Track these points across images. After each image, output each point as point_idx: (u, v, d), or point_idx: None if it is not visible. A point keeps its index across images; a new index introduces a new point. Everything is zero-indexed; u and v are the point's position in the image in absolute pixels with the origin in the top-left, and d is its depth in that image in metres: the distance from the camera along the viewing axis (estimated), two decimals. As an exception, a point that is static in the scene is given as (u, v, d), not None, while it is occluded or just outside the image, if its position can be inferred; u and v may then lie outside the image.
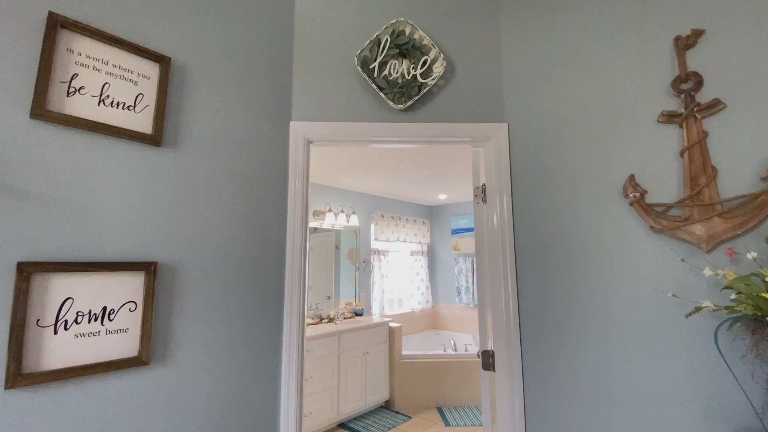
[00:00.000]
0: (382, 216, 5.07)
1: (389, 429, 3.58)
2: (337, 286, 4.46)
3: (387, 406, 4.12)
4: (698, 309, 0.97)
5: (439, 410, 3.97)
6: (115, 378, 1.06)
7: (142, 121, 1.17)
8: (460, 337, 5.32)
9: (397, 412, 3.94)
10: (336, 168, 3.73)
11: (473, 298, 5.27)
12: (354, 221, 4.61)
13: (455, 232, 5.63)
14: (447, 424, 3.65)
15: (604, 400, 1.28)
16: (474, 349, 5.03)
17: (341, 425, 3.64)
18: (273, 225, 1.48)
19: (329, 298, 4.34)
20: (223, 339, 1.29)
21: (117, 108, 1.13)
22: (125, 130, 1.13)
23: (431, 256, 5.95)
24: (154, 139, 1.18)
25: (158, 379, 1.14)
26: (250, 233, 1.41)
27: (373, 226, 4.96)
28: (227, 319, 1.31)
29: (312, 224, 4.24)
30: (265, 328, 1.42)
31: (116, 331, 1.07)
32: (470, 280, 5.32)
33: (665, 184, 1.23)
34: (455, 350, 4.97)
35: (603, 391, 1.28)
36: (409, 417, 3.84)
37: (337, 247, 4.52)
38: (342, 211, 4.48)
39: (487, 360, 1.62)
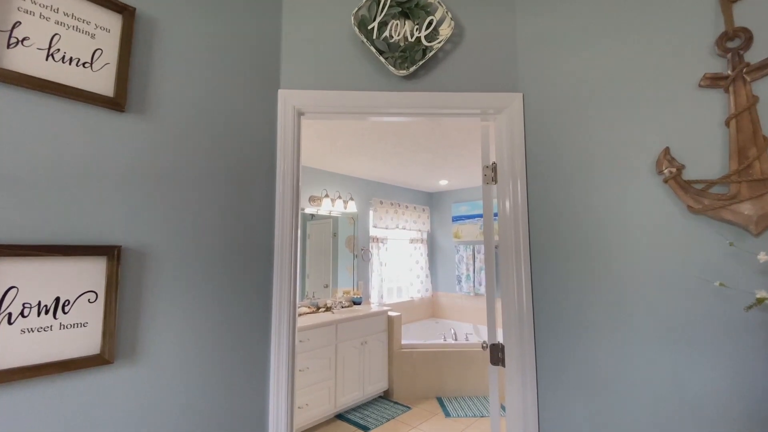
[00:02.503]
0: (381, 202, 4.91)
1: (388, 420, 3.48)
2: (334, 275, 4.33)
3: (386, 396, 4.02)
4: (760, 301, 0.83)
5: (439, 400, 3.88)
6: (73, 380, 0.91)
7: (101, 82, 1.00)
8: (460, 326, 5.22)
9: (396, 403, 3.85)
10: (332, 151, 3.55)
11: (473, 286, 5.15)
12: (352, 207, 4.45)
13: (456, 219, 5.48)
14: (447, 414, 3.56)
15: (629, 400, 1.14)
16: (474, 338, 4.94)
17: (339, 416, 3.55)
18: (259, 207, 1.32)
19: (327, 286, 4.21)
20: (202, 333, 1.14)
21: (70, 64, 0.96)
22: (81, 90, 0.96)
23: (431, 244, 5.82)
24: (116, 103, 1.01)
25: (125, 380, 0.99)
26: (233, 216, 1.25)
27: (371, 212, 4.81)
28: (206, 310, 1.16)
29: (308, 210, 4.08)
30: (251, 320, 1.27)
31: (73, 326, 0.92)
32: (471, 269, 5.19)
33: (706, 158, 1.07)
34: (455, 339, 4.87)
35: (628, 391, 1.15)
36: (409, 407, 3.75)
37: (334, 235, 4.37)
38: (339, 197, 4.32)
39: (496, 354, 1.49)
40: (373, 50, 1.35)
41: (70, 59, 0.96)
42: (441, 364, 4.01)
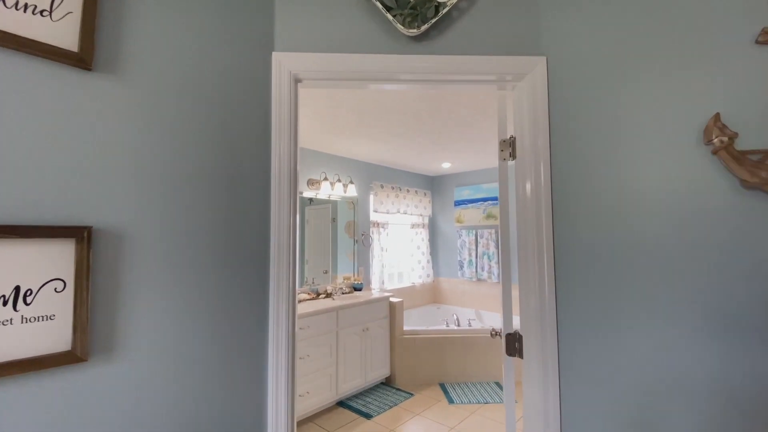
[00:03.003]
0: (382, 186, 4.77)
1: (390, 407, 3.42)
2: (334, 260, 4.22)
3: (388, 382, 3.97)
4: None
5: (442, 387, 3.83)
6: (41, 380, 0.79)
7: (63, 34, 0.85)
8: (463, 311, 5.15)
9: (399, 389, 3.79)
10: (331, 131, 3.39)
11: (476, 272, 5.06)
12: (352, 191, 4.31)
13: (458, 203, 5.35)
14: (451, 401, 3.50)
15: (670, 398, 1.03)
16: (477, 324, 4.87)
17: (340, 403, 3.49)
18: (253, 188, 1.19)
19: (326, 272, 4.11)
20: (190, 323, 1.02)
21: (24, 12, 0.81)
22: (38, 43, 0.81)
23: (432, 229, 5.70)
24: (81, 59, 0.86)
25: (103, 379, 0.87)
26: (224, 196, 1.11)
27: (372, 196, 4.67)
28: (195, 299, 1.03)
29: (307, 194, 3.94)
30: (246, 309, 1.15)
31: (37, 319, 0.79)
32: (473, 254, 5.09)
33: (764, 124, 0.94)
34: (458, 325, 4.81)
35: (667, 389, 1.04)
36: (411, 394, 3.69)
37: (334, 220, 4.24)
38: (339, 180, 4.17)
39: (512, 344, 1.38)
40: (379, 6, 1.20)
41: (25, 6, 0.81)
42: (443, 350, 3.94)
